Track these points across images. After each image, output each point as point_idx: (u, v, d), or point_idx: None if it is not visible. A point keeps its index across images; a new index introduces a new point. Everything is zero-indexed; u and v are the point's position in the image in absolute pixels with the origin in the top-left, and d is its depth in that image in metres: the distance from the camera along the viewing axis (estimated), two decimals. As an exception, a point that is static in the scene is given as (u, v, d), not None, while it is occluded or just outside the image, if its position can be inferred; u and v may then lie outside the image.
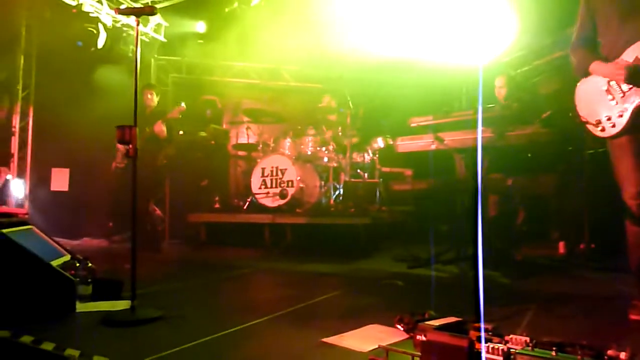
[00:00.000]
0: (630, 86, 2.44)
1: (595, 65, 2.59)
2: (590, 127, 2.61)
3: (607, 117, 2.53)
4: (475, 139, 3.98)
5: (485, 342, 1.67)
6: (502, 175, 4.51)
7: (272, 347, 2.19)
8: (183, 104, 5.75)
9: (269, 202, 6.04)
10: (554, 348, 1.57)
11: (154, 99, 5.91)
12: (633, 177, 2.48)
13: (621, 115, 2.48)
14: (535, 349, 1.60)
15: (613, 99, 2.51)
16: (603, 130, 2.55)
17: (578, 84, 2.69)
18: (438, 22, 5.38)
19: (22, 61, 6.89)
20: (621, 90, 2.49)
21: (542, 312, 2.69)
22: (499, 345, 1.65)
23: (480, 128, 3.90)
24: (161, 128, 5.63)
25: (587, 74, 2.64)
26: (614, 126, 2.51)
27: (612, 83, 2.51)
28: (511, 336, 1.69)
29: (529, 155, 4.34)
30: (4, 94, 6.89)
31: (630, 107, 2.45)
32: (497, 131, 3.85)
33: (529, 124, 3.86)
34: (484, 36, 4.99)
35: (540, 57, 5.79)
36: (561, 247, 4.63)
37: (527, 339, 1.65)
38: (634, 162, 2.49)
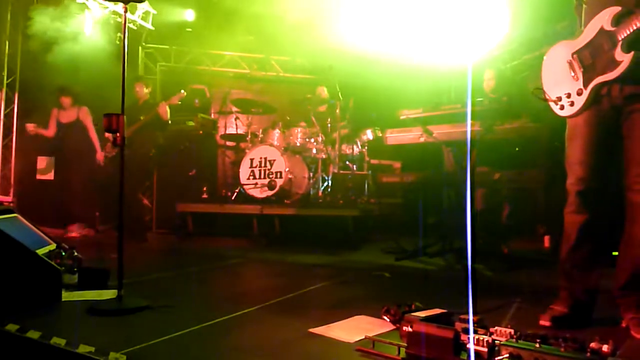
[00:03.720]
0: (591, 60, 2.23)
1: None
2: (552, 105, 2.39)
3: (566, 95, 2.32)
4: (464, 132, 4.00)
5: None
6: (489, 169, 4.55)
7: (259, 337, 2.19)
8: (183, 91, 5.83)
9: (257, 193, 6.02)
10: (538, 340, 1.59)
11: (143, 90, 5.94)
12: (582, 161, 2.28)
13: (580, 93, 2.27)
14: (520, 341, 1.63)
15: (575, 74, 2.30)
16: (562, 108, 2.35)
17: (544, 57, 2.46)
18: (428, 14, 5.38)
19: (7, 47, 6.76)
20: (582, 65, 2.27)
21: (526, 305, 2.74)
22: (484, 336, 1.68)
23: (469, 122, 3.91)
24: (165, 109, 5.74)
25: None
26: (572, 105, 2.30)
27: (576, 56, 2.29)
28: (496, 328, 1.72)
29: (517, 149, 4.38)
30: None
31: (590, 85, 2.23)
32: (485, 125, 3.88)
33: (517, 118, 3.89)
34: (474, 30, 5.01)
35: (530, 51, 5.82)
36: (546, 241, 4.69)
37: (512, 331, 1.68)
38: (584, 145, 2.28)
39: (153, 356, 1.80)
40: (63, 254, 3.11)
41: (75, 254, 3.17)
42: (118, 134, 2.61)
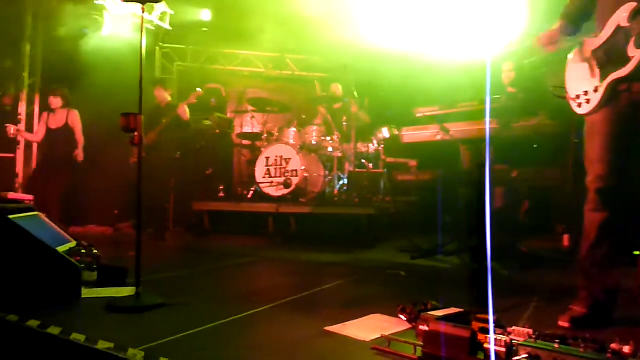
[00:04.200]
0: (608, 58, 2.22)
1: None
2: (571, 103, 2.39)
3: (584, 92, 2.31)
4: (481, 130, 3.96)
5: (488, 334, 1.67)
6: (507, 166, 4.49)
7: (274, 335, 2.20)
8: (199, 89, 5.88)
9: (273, 192, 6.04)
10: (556, 340, 1.57)
11: (164, 94, 6.01)
12: (601, 158, 2.25)
13: (596, 91, 2.25)
14: (538, 341, 1.61)
15: (592, 72, 2.29)
16: (580, 106, 2.34)
17: (568, 56, 2.45)
18: (444, 9, 5.33)
19: (28, 49, 6.89)
20: (598, 62, 2.27)
21: (545, 305, 2.70)
22: (502, 336, 1.66)
23: (488, 119, 3.86)
24: (184, 109, 5.80)
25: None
26: (588, 102, 2.29)
27: (594, 54, 2.29)
28: (513, 328, 1.70)
29: (535, 146, 4.32)
30: (10, 81, 6.90)
31: (605, 82, 2.22)
32: (502, 122, 3.83)
33: (535, 115, 3.83)
34: (492, 26, 4.94)
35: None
36: (565, 240, 4.61)
37: (530, 331, 1.66)
38: (603, 142, 2.25)
39: (170, 353, 1.82)
40: (83, 251, 3.16)
41: (95, 251, 3.23)
42: (136, 133, 2.64)
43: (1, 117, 6.83)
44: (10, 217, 2.70)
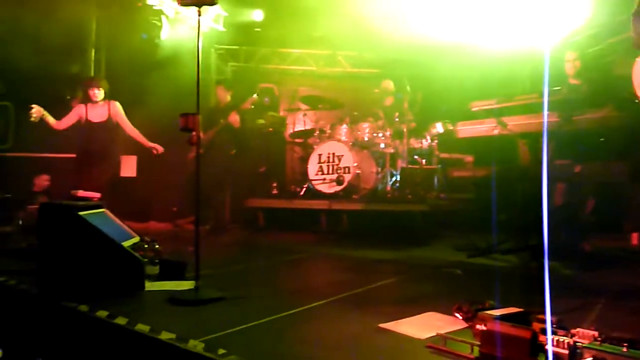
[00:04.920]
0: None
1: None
2: None
3: None
4: (540, 124, 3.80)
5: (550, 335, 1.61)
6: (569, 161, 4.28)
7: (329, 330, 2.22)
8: (255, 95, 5.98)
9: (326, 188, 6.07)
10: (625, 344, 1.49)
11: (225, 94, 6.16)
12: None
13: None
14: (604, 344, 1.53)
15: None
16: None
17: (637, 59, 2.36)
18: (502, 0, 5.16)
19: (92, 54, 7.27)
20: None
21: (611, 307, 2.56)
22: (565, 338, 1.59)
23: (546, 112, 3.70)
24: (236, 118, 5.90)
25: None
26: None
27: None
28: (578, 330, 1.63)
29: (601, 140, 4.09)
30: (78, 85, 7.32)
31: None
32: (564, 115, 3.66)
33: (600, 107, 3.63)
34: (551, 14, 4.72)
35: (616, 35, 5.39)
36: (634, 238, 4.35)
37: (596, 333, 1.58)
38: None
39: (228, 345, 1.88)
40: (146, 246, 3.32)
41: (157, 246, 3.37)
42: (194, 133, 2.73)
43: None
44: (80, 213, 2.87)
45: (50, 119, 5.37)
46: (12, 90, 7.22)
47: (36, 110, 5.19)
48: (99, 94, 5.43)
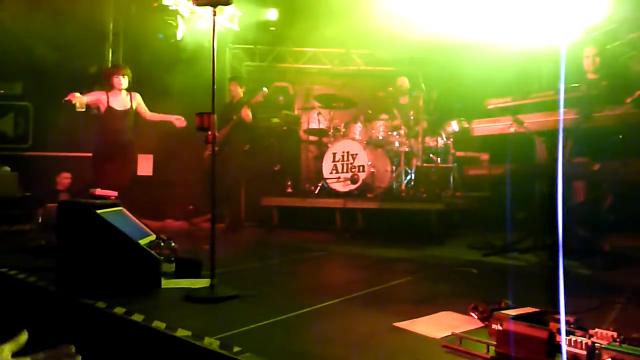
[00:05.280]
0: None
1: None
2: None
3: None
4: (557, 121, 3.75)
5: (567, 335, 1.59)
6: (588, 159, 4.21)
7: (344, 328, 2.22)
8: (265, 89, 6.02)
9: (340, 187, 6.07)
10: (645, 344, 1.46)
11: (238, 90, 6.20)
12: None
13: None
14: (624, 345, 1.51)
15: None
16: None
17: None
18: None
19: (110, 55, 7.37)
20: None
21: (631, 307, 2.52)
22: (582, 338, 1.57)
23: (562, 109, 3.65)
24: (247, 113, 5.95)
25: None
26: None
27: None
28: (596, 330, 1.60)
29: (620, 137, 4.02)
30: (96, 85, 7.42)
31: None
32: (582, 112, 3.60)
33: (620, 103, 3.57)
34: (567, 10, 4.65)
35: (636, 30, 5.28)
36: (655, 237, 4.27)
37: (614, 334, 1.56)
38: None
39: (243, 343, 1.89)
40: (162, 244, 3.35)
41: (173, 244, 3.41)
42: (209, 132, 2.75)
43: (88, 120, 7.39)
44: (98, 211, 2.91)
45: (84, 99, 5.10)
46: (31, 91, 7.37)
47: (78, 100, 4.99)
48: (124, 81, 5.31)
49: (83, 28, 6.71)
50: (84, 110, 5.12)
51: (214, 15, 2.85)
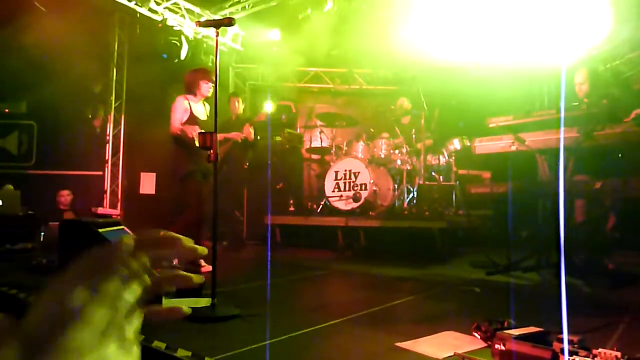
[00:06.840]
0: None
1: None
2: None
3: None
4: (559, 140, 3.76)
5: (570, 355, 1.58)
6: (589, 177, 4.21)
7: (345, 349, 2.20)
8: (268, 110, 6.04)
9: (342, 205, 6.07)
10: (649, 365, 1.45)
11: (239, 106, 6.22)
12: None
13: None
14: (628, 365, 1.49)
15: None
16: None
17: None
18: (518, 14, 5.15)
19: (114, 74, 7.47)
20: None
21: (635, 326, 2.49)
22: (586, 359, 1.55)
23: (562, 128, 3.67)
24: (249, 131, 5.93)
25: None
26: None
27: None
28: (600, 350, 1.59)
29: (620, 156, 4.03)
30: (99, 104, 7.51)
31: None
32: (583, 130, 3.61)
33: (620, 122, 3.58)
34: (569, 29, 4.70)
35: (635, 49, 5.33)
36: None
37: (618, 353, 1.54)
38: None
39: (244, 363, 1.88)
40: (163, 263, 3.34)
41: (174, 263, 3.40)
42: (212, 151, 2.77)
43: (92, 139, 7.46)
44: (100, 230, 2.91)
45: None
46: (35, 110, 7.45)
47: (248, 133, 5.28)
48: (211, 90, 4.55)
49: (87, 48, 6.81)
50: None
51: (217, 36, 2.89)
